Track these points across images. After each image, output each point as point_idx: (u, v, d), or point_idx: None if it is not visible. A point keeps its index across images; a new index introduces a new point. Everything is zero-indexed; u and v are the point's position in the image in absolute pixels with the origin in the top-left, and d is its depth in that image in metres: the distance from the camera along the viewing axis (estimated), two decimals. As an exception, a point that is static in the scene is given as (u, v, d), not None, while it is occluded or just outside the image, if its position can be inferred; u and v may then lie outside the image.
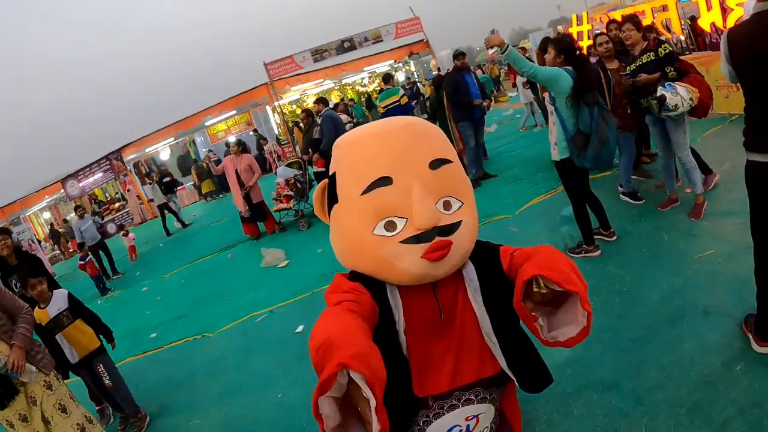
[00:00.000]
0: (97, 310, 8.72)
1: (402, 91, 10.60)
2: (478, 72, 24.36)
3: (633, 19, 4.90)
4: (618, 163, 5.72)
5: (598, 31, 7.61)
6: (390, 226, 1.29)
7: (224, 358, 5.07)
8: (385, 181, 1.28)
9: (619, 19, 5.73)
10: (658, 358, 3.00)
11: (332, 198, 1.41)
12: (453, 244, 1.31)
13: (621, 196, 5.54)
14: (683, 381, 2.75)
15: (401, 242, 1.29)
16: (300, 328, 4.99)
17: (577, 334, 1.25)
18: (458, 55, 8.17)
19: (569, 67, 4.24)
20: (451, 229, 1.32)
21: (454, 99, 7.97)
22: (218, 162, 12.69)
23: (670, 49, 4.64)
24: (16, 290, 4.91)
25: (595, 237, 4.64)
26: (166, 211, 14.81)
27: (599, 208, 4.65)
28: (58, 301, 4.13)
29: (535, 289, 1.23)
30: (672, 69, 4.56)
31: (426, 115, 12.40)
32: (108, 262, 11.27)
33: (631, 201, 5.41)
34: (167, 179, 15.78)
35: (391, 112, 10.15)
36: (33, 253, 10.94)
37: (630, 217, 5.12)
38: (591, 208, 4.60)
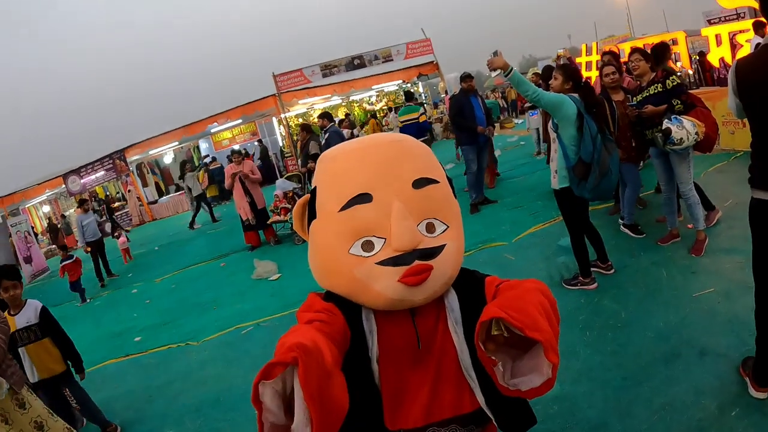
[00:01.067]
0: (85, 309, 8.74)
1: (422, 110, 11.25)
2: (492, 97, 24.41)
3: (640, 50, 4.85)
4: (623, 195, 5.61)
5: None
6: (367, 246, 1.22)
7: (205, 369, 4.96)
8: (364, 197, 1.21)
9: (626, 50, 5.69)
10: (650, 399, 2.88)
11: (312, 213, 1.33)
12: (434, 270, 1.22)
13: (621, 227, 5.44)
14: (675, 425, 2.63)
15: (377, 263, 1.21)
16: (284, 344, 4.84)
17: (540, 386, 1.14)
18: (465, 77, 8.13)
19: (575, 95, 4.17)
20: (432, 253, 1.23)
21: (458, 122, 7.92)
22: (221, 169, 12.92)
23: (678, 81, 4.57)
24: None
25: (592, 269, 4.54)
26: (202, 204, 14.97)
27: (598, 240, 4.56)
28: (29, 313, 3.87)
29: (494, 332, 1.12)
30: (679, 102, 4.49)
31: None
32: (102, 263, 10.97)
33: (632, 234, 5.31)
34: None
35: (407, 128, 10.88)
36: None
37: (629, 250, 5.02)
38: (589, 240, 4.50)
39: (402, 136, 1.36)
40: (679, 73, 5.79)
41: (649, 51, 4.95)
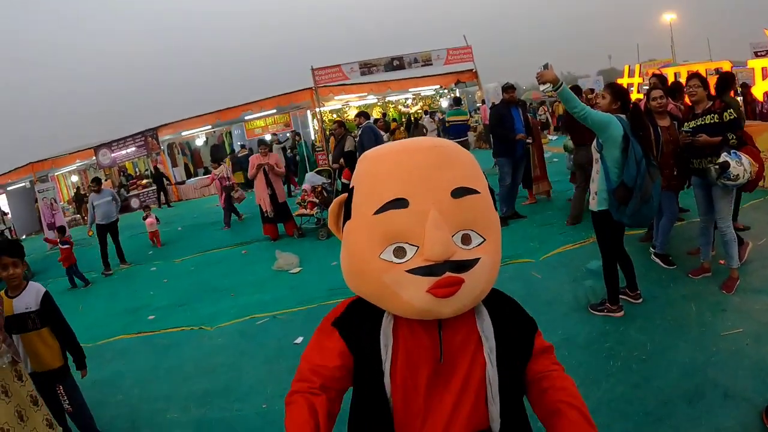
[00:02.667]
0: (102, 282, 8.76)
1: (468, 115, 11.60)
2: (541, 110, 24.16)
3: (700, 76, 4.68)
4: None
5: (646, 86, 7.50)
6: (399, 252, 1.17)
7: (216, 356, 4.93)
8: (400, 203, 1.15)
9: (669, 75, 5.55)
10: (670, 438, 2.76)
11: (347, 213, 1.29)
12: (465, 283, 1.16)
13: (652, 256, 5.30)
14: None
15: (407, 271, 1.16)
16: (299, 340, 4.81)
17: None
18: (507, 88, 8.02)
19: (622, 116, 4.07)
20: (465, 265, 1.16)
21: (497, 132, 7.80)
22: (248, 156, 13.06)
23: (735, 115, 4.40)
24: None
25: (620, 297, 4.41)
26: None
27: (629, 267, 4.43)
28: (29, 298, 3.38)
29: None
30: (734, 136, 4.32)
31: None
32: (115, 248, 10.02)
33: (662, 264, 5.17)
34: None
35: (455, 127, 12.77)
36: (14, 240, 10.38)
37: (658, 280, 4.88)
38: (620, 266, 4.38)
39: (445, 142, 1.28)
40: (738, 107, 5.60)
41: (706, 77, 4.80)
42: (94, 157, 22.08)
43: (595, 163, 4.23)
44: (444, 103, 22.75)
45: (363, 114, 9.13)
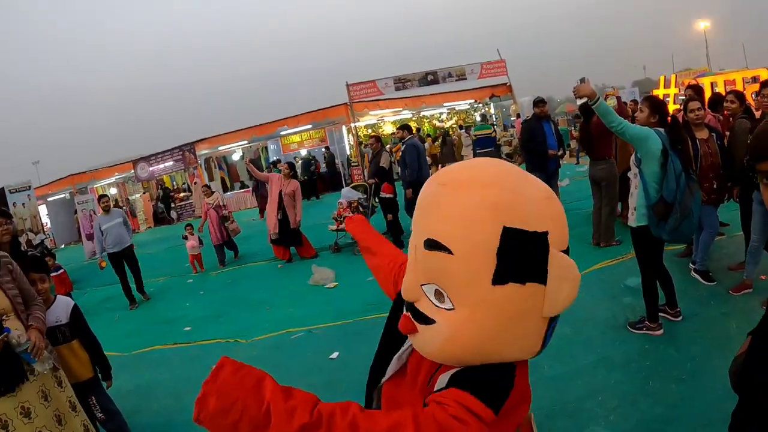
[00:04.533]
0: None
1: (492, 129, 13.27)
2: (563, 123, 23.93)
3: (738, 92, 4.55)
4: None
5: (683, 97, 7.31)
6: None
7: (251, 368, 4.85)
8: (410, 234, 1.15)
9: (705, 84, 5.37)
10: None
11: None
12: (418, 333, 1.07)
13: (692, 273, 5.14)
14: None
15: (398, 293, 1.20)
16: (335, 355, 4.75)
17: None
18: (538, 102, 7.91)
19: (661, 129, 3.98)
20: (421, 317, 1.06)
21: (529, 147, 7.70)
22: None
23: None
24: None
25: (659, 314, 4.28)
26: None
27: (669, 284, 4.31)
28: (59, 311, 3.47)
29: None
30: None
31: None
32: (134, 278, 8.58)
33: (702, 280, 5.01)
34: None
35: (480, 141, 14.53)
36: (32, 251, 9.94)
37: (698, 297, 4.72)
38: (660, 283, 4.25)
39: (456, 180, 1.05)
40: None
41: (743, 85, 4.66)
42: (132, 171, 22.57)
43: (634, 177, 4.15)
44: (478, 118, 22.66)
45: (406, 127, 9.05)
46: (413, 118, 22.87)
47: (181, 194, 22.86)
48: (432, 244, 1.00)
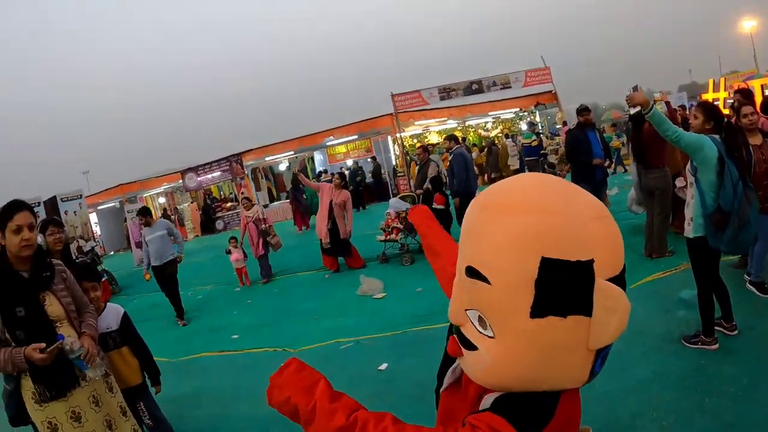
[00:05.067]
0: (186, 299, 8.93)
1: (534, 137, 13.61)
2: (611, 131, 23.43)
3: None
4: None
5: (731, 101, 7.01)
6: None
7: (299, 378, 4.80)
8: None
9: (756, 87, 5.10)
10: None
11: None
12: (464, 357, 1.05)
13: (747, 285, 4.92)
14: None
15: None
16: (384, 366, 4.67)
17: None
18: (582, 110, 7.68)
19: (716, 136, 3.85)
20: (466, 342, 1.03)
21: (574, 158, 7.50)
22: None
23: None
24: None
25: (715, 328, 4.09)
26: None
27: (725, 297, 4.12)
28: (109, 318, 3.53)
29: None
30: None
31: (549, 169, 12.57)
32: (170, 301, 8.08)
33: (758, 293, 4.79)
34: None
35: (526, 149, 15.56)
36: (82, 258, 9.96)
37: (755, 311, 4.50)
38: (716, 295, 4.08)
39: (501, 205, 0.96)
40: None
41: None
42: (180, 181, 23.06)
43: (690, 187, 4.03)
44: (523, 126, 22.37)
45: (453, 138, 8.99)
46: (458, 128, 22.73)
47: (228, 204, 23.23)
48: (472, 272, 0.96)
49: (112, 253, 23.60)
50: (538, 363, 0.94)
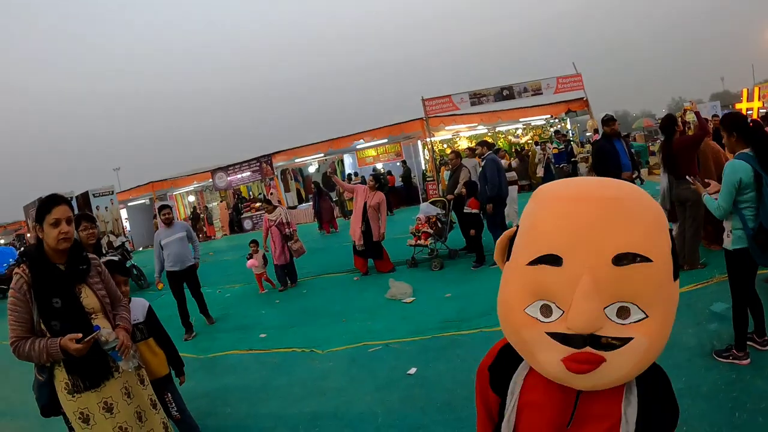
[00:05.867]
0: (214, 297, 8.98)
1: (556, 143, 14.71)
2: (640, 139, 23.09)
3: None
4: None
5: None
6: (545, 310, 1.06)
7: (327, 379, 4.86)
8: (554, 259, 1.01)
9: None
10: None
11: (509, 252, 1.19)
12: (606, 362, 1.01)
13: None
14: None
15: (548, 333, 1.05)
16: (413, 371, 4.63)
17: None
18: (608, 120, 7.59)
19: (746, 150, 3.79)
20: (612, 344, 1.00)
21: (601, 169, 7.33)
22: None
23: None
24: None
25: (747, 343, 4.00)
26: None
27: (759, 311, 4.04)
28: (136, 311, 3.63)
29: None
30: None
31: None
32: (197, 302, 7.68)
33: None
34: None
35: (556, 156, 16.73)
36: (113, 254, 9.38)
37: None
38: (751, 309, 3.99)
39: (627, 191, 1.06)
40: None
41: None
42: (210, 180, 23.34)
43: None
44: (552, 133, 22.18)
45: (485, 143, 8.91)
46: (489, 134, 22.57)
47: (257, 204, 23.47)
48: (628, 258, 0.98)
49: (141, 249, 23.98)
50: (672, 323, 1.08)
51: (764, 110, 8.87)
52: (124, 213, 22.17)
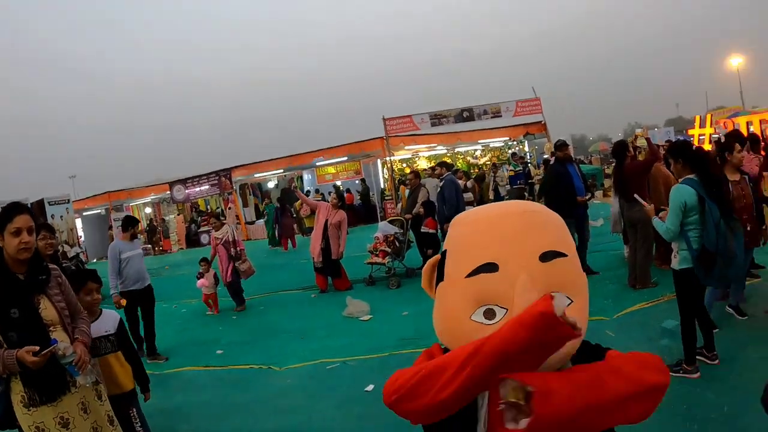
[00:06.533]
0: (171, 312, 8.86)
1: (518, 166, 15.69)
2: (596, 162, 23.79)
3: None
4: None
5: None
6: (489, 314, 1.20)
7: (286, 396, 4.90)
8: (490, 267, 1.20)
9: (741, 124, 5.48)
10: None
11: (440, 275, 1.34)
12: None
13: (727, 307, 5.22)
14: None
15: None
16: (370, 387, 4.72)
17: None
18: (561, 145, 7.92)
19: (692, 176, 4.08)
20: None
21: (554, 193, 7.58)
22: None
23: None
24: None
25: (696, 357, 4.25)
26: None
27: (708, 327, 4.30)
28: (108, 322, 3.58)
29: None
30: None
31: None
32: (145, 331, 6.71)
33: (737, 315, 5.14)
34: None
35: (511, 178, 17.51)
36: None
37: (736, 340, 4.71)
38: (699, 326, 4.25)
39: (535, 206, 1.33)
40: None
41: None
42: (168, 192, 23.05)
43: None
44: (510, 155, 22.71)
45: (444, 164, 9.13)
46: (448, 154, 22.96)
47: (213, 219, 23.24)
48: (551, 255, 1.20)
49: (95, 260, 23.39)
50: (588, 306, 1.29)
51: (716, 135, 9.41)
52: (78, 222, 21.64)
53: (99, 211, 26.07)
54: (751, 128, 11.25)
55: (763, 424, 3.17)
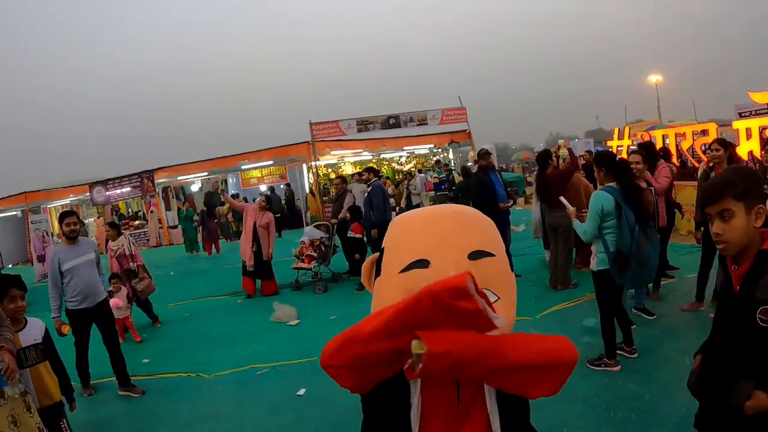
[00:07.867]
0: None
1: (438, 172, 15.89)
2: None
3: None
4: None
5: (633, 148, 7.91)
6: None
7: (216, 403, 4.91)
8: (422, 263, 1.31)
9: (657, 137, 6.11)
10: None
11: (378, 270, 1.45)
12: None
13: (633, 310, 5.60)
14: None
15: None
16: (302, 392, 4.81)
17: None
18: (484, 154, 8.23)
19: (612, 184, 4.39)
20: None
21: (479, 199, 7.80)
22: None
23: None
24: None
25: (617, 351, 4.61)
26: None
27: (626, 323, 4.68)
28: (35, 330, 3.44)
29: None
30: None
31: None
32: (110, 357, 5.53)
33: (645, 316, 5.57)
34: None
35: (436, 185, 18.26)
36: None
37: (653, 336, 5.15)
38: (618, 322, 4.60)
39: (466, 209, 1.46)
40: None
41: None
42: (88, 193, 22.15)
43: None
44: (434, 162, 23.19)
45: (371, 170, 9.26)
46: (373, 160, 23.21)
47: (136, 222, 22.47)
48: (478, 254, 1.32)
49: (10, 265, 22.03)
50: (515, 302, 1.45)
51: (633, 147, 10.06)
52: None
53: (15, 213, 24.66)
54: (667, 141, 12.00)
55: (682, 411, 3.54)
